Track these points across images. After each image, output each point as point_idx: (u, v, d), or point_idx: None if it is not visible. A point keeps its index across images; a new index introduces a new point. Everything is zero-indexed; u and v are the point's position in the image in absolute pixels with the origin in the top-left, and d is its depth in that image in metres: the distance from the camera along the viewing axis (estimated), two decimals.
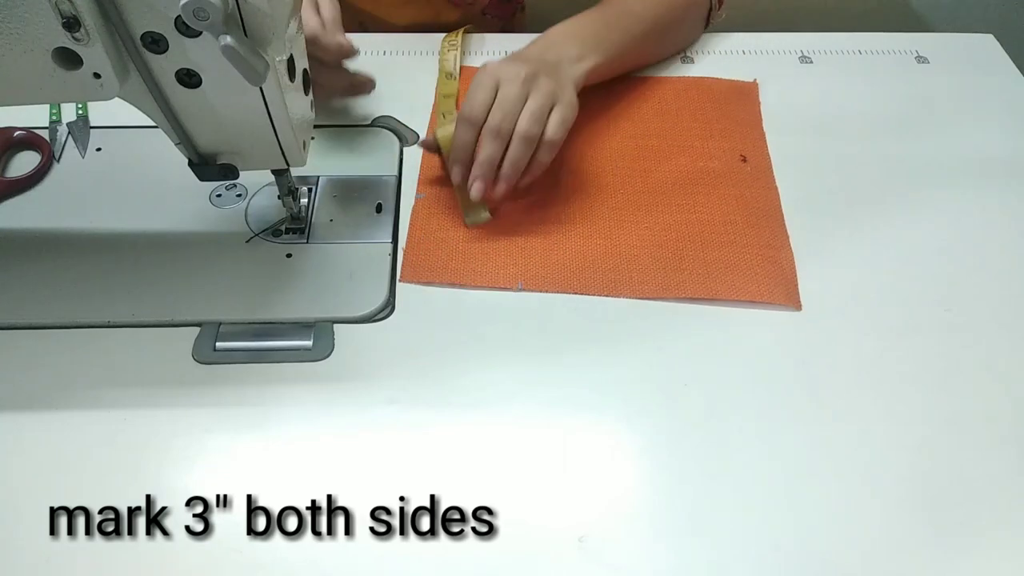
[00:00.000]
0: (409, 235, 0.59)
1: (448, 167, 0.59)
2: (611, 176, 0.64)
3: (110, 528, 0.44)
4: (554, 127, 0.56)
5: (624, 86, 0.72)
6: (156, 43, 0.42)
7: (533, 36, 0.80)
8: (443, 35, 0.76)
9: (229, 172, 0.51)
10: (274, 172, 0.54)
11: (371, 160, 0.64)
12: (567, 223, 0.60)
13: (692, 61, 0.75)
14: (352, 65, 0.67)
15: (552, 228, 0.59)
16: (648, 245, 0.58)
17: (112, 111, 0.51)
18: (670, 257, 0.57)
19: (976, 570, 0.44)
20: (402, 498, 0.45)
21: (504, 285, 0.56)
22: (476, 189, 0.56)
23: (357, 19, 0.83)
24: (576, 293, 0.56)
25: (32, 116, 0.65)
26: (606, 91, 0.70)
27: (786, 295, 0.55)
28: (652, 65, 0.74)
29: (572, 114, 0.58)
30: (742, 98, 0.71)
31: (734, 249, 0.58)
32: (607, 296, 0.55)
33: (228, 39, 0.39)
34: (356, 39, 0.76)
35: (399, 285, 0.56)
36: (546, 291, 0.56)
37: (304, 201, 0.60)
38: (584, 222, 0.60)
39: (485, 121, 0.56)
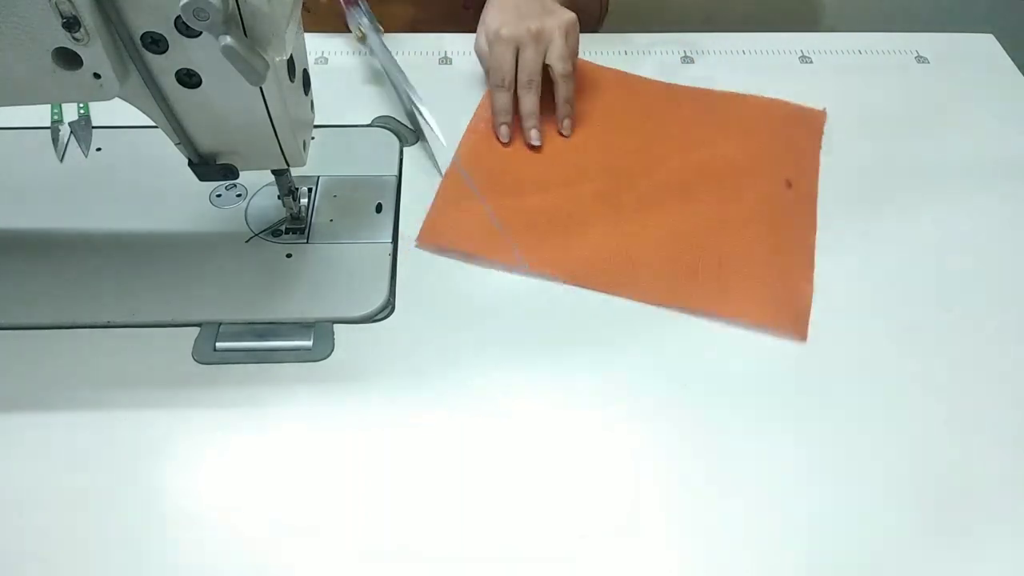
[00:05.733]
0: (436, 201, 0.61)
1: (495, 130, 0.66)
2: (647, 180, 0.63)
3: (108, 528, 0.44)
4: (573, 54, 0.66)
5: (685, 96, 0.71)
6: (156, 43, 0.42)
7: None
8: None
9: (229, 172, 0.51)
10: (274, 172, 0.54)
11: (371, 160, 0.64)
12: (591, 218, 0.60)
13: (692, 61, 0.75)
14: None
15: (575, 220, 0.59)
16: (666, 252, 0.57)
17: (112, 111, 0.51)
18: (684, 267, 0.56)
19: (977, 570, 0.44)
20: (402, 498, 0.45)
21: (513, 264, 0.57)
22: (535, 137, 0.65)
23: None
24: (580, 285, 0.56)
25: (33, 116, 0.65)
26: (665, 98, 0.70)
27: (794, 324, 0.54)
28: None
29: (576, 30, 0.67)
30: (804, 124, 0.68)
31: (752, 271, 0.56)
32: (610, 294, 0.55)
33: (228, 39, 0.39)
34: (353, 38, 0.76)
35: (399, 283, 0.56)
36: (553, 277, 0.56)
37: (304, 201, 0.60)
38: (607, 220, 0.60)
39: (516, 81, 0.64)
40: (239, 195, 0.61)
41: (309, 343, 0.52)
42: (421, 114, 0.61)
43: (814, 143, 0.67)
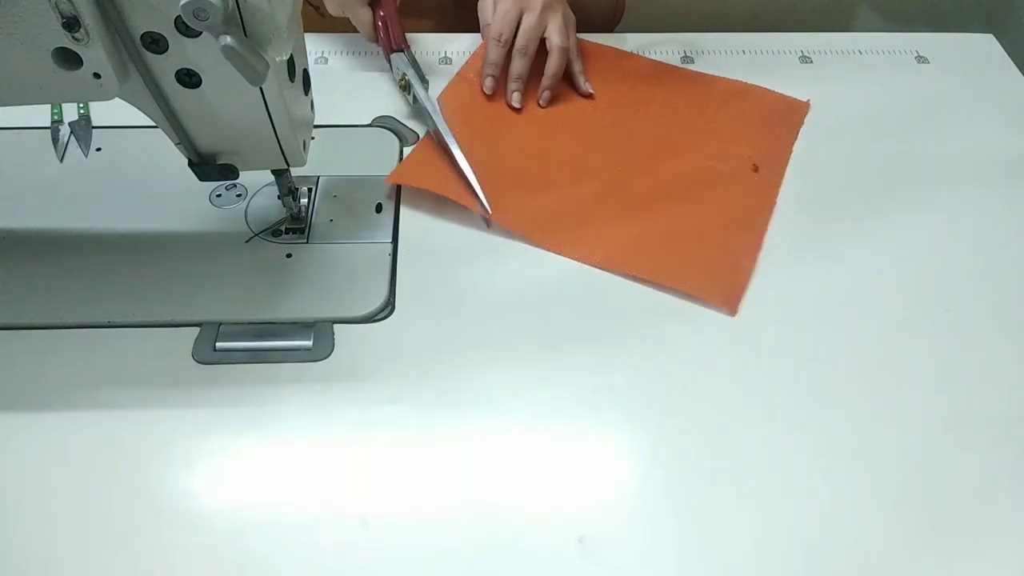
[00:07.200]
0: (413, 152, 0.64)
1: (481, 80, 0.69)
2: (619, 152, 0.65)
3: (109, 529, 0.44)
4: (572, 39, 0.70)
5: (673, 78, 0.74)
6: (156, 43, 0.42)
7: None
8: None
9: (229, 172, 0.51)
10: (274, 172, 0.54)
11: (371, 160, 0.64)
12: (553, 179, 0.63)
13: (692, 61, 0.75)
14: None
15: (539, 180, 0.63)
16: (619, 221, 0.60)
17: (112, 111, 0.51)
18: (632, 235, 0.59)
19: (975, 571, 0.44)
20: (402, 498, 0.46)
21: (476, 210, 0.59)
22: (516, 99, 0.68)
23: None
24: (530, 242, 0.58)
25: (33, 116, 0.65)
26: (654, 78, 0.73)
27: (724, 298, 0.55)
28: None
29: (573, 28, 0.71)
30: (786, 114, 0.70)
31: (698, 246, 0.58)
32: (556, 253, 0.58)
33: (228, 39, 0.39)
34: (353, 38, 0.76)
35: (399, 283, 0.56)
36: (507, 228, 0.58)
37: (304, 201, 0.60)
38: (571, 184, 0.63)
39: (512, 42, 0.68)
40: (239, 195, 0.61)
41: (309, 343, 0.52)
42: (462, 169, 0.61)
43: (791, 132, 0.68)
